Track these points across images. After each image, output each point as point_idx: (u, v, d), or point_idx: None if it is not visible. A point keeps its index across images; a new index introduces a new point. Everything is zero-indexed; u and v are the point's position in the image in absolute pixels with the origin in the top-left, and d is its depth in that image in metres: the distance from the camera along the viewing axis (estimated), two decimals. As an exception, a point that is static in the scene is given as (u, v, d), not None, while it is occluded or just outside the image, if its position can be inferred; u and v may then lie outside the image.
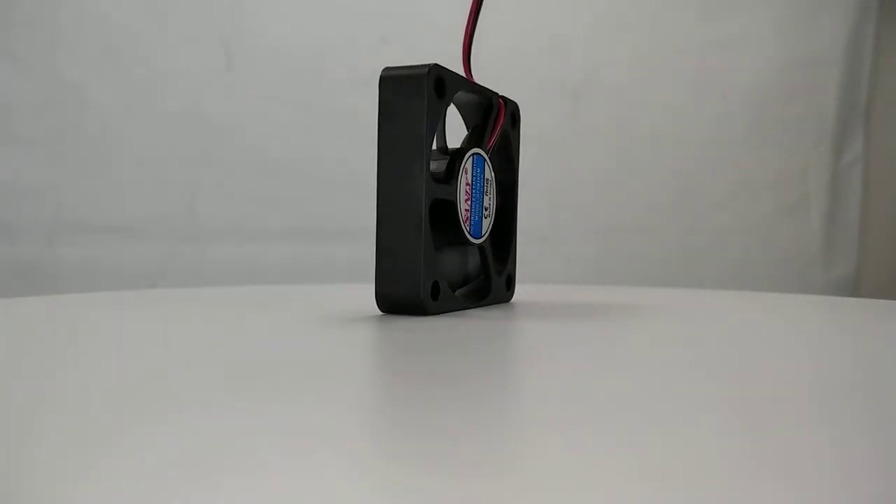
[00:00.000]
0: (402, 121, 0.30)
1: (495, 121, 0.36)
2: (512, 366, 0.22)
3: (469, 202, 0.34)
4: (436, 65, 0.30)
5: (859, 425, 0.14)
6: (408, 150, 0.30)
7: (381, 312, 0.31)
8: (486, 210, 0.35)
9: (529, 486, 0.10)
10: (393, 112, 0.30)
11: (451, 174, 0.32)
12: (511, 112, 0.38)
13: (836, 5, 1.08)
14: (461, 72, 0.33)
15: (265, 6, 1.04)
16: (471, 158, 0.33)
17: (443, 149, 0.33)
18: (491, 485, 0.10)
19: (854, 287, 1.11)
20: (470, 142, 0.35)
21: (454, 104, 0.34)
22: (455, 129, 0.35)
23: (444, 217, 0.32)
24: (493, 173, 0.36)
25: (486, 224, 0.36)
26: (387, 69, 0.30)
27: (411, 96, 0.30)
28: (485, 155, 0.35)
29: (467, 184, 0.33)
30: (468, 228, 0.33)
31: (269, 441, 0.12)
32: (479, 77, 0.34)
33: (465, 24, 0.34)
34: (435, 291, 0.31)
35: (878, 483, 0.11)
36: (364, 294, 0.35)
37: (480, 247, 0.35)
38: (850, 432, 0.14)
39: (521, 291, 0.43)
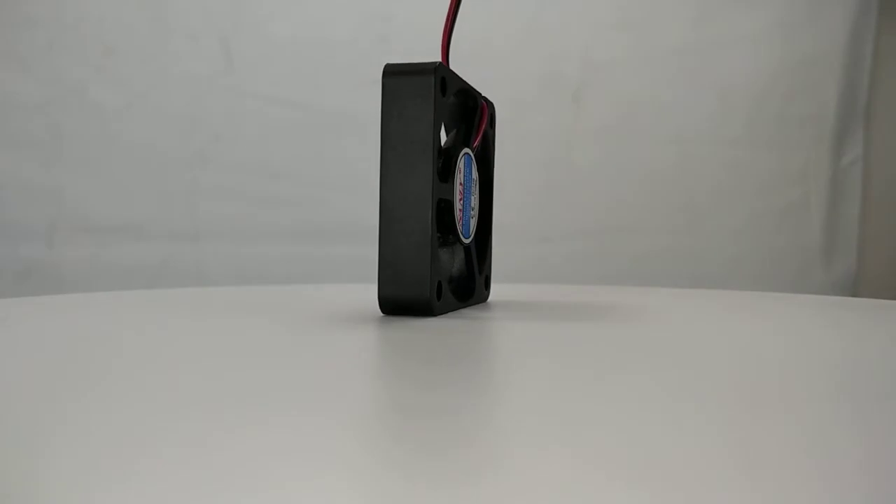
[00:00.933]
0: (408, 119, 0.29)
1: (479, 120, 0.36)
2: (515, 367, 0.22)
3: (462, 202, 0.33)
4: (441, 63, 0.30)
5: (858, 425, 0.14)
6: (414, 149, 0.29)
7: (381, 314, 0.30)
8: (472, 210, 0.35)
9: (528, 492, 0.10)
10: (398, 110, 0.29)
11: (447, 173, 0.32)
12: (490, 113, 0.37)
13: (836, 5, 1.08)
14: None
15: (266, 6, 1.04)
16: (463, 158, 0.33)
17: (437, 148, 0.33)
18: (491, 491, 0.10)
19: (854, 287, 1.10)
20: (455, 141, 0.35)
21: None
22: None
23: (442, 217, 0.32)
24: (477, 173, 0.36)
25: (473, 224, 0.35)
26: (390, 66, 0.29)
27: (417, 94, 0.29)
28: (472, 154, 0.35)
29: (460, 183, 0.33)
30: (460, 228, 0.33)
31: (269, 443, 0.12)
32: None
33: (445, 20, 0.33)
34: (439, 292, 0.30)
35: (876, 483, 0.11)
36: (365, 294, 0.35)
37: (467, 247, 0.35)
38: (849, 432, 0.14)
39: (522, 291, 0.43)
